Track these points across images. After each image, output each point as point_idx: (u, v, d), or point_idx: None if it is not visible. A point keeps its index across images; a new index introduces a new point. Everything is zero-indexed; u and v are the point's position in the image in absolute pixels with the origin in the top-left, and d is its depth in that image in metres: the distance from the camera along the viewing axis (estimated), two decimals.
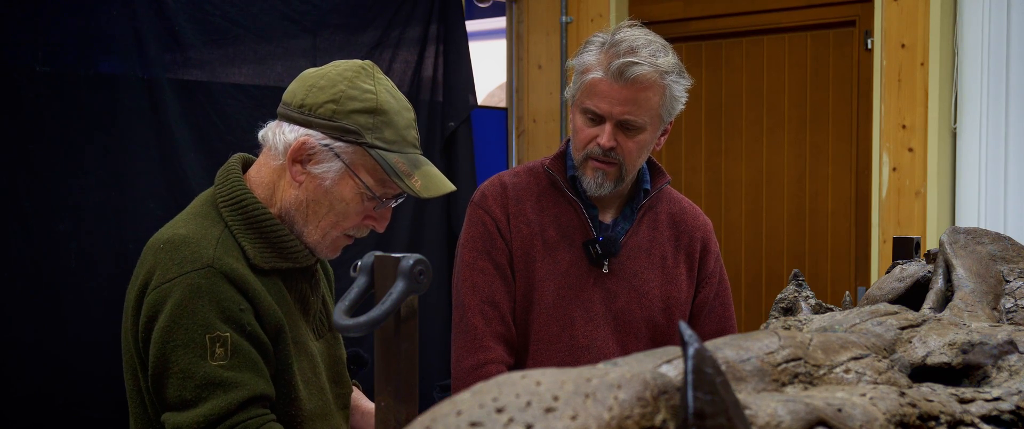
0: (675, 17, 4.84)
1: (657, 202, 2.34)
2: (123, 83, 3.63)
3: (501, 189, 2.30)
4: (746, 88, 4.68)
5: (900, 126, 4.09)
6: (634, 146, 2.19)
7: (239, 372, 1.75)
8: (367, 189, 1.86)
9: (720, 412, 0.79)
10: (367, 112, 1.85)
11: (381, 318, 1.34)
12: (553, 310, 2.24)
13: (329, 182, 1.85)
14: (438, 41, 4.64)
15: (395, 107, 1.90)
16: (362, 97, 1.86)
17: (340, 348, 2.07)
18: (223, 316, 1.76)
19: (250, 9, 3.98)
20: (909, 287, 1.67)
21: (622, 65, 2.14)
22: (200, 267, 1.77)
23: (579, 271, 2.25)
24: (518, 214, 2.27)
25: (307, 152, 1.84)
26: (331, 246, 1.93)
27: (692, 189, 4.83)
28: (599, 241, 2.24)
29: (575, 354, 2.24)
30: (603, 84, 2.16)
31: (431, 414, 0.81)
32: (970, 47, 3.96)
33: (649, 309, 2.28)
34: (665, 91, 2.19)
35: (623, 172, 2.21)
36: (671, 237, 2.34)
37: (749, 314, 4.69)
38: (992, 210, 3.92)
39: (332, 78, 1.88)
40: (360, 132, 1.83)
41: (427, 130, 4.58)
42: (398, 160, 1.85)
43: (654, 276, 2.30)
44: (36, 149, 3.40)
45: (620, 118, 2.16)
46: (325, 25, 4.25)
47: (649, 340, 2.29)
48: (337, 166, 1.84)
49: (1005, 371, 1.24)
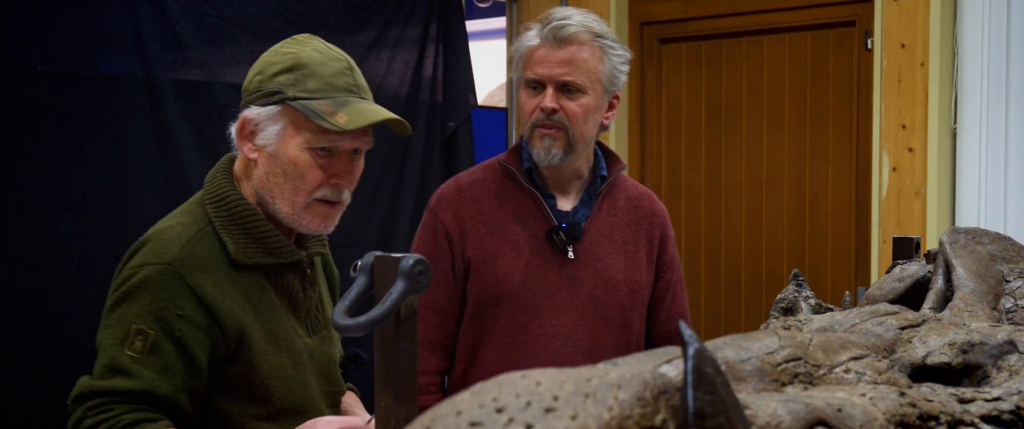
0: (675, 17, 4.84)
1: (613, 189, 2.38)
2: (123, 83, 3.63)
3: (456, 192, 2.33)
4: (746, 88, 4.68)
5: (900, 126, 4.09)
6: (578, 109, 2.24)
7: (143, 367, 1.79)
8: (310, 142, 1.88)
9: (720, 412, 0.79)
10: (287, 70, 1.88)
11: (381, 318, 1.34)
12: (520, 302, 2.26)
13: (273, 147, 1.88)
14: (438, 41, 4.64)
15: (318, 59, 1.91)
16: (282, 59, 1.90)
17: (334, 346, 2.07)
18: (157, 314, 1.81)
19: (248, 10, 3.98)
20: (909, 287, 1.67)
21: (554, 27, 2.22)
22: (160, 263, 1.83)
23: (543, 260, 2.27)
24: (475, 214, 2.30)
25: (249, 127, 1.89)
26: (307, 215, 1.93)
27: (692, 189, 4.83)
28: (562, 227, 2.27)
29: (544, 342, 2.26)
30: (539, 50, 2.23)
31: (431, 414, 0.81)
32: (970, 47, 3.96)
33: (615, 294, 2.30)
34: (602, 55, 2.25)
35: (570, 137, 2.25)
36: (630, 222, 2.36)
37: (749, 314, 4.69)
38: (992, 210, 3.92)
39: (263, 55, 1.94)
40: (282, 90, 1.87)
41: (427, 130, 4.58)
42: (321, 104, 1.86)
43: (617, 261, 2.32)
44: (36, 149, 3.40)
45: (559, 79, 2.22)
46: (322, 25, 4.25)
47: (618, 325, 2.31)
48: (275, 129, 1.88)
49: (1005, 371, 1.24)
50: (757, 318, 4.60)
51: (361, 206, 4.30)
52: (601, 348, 2.28)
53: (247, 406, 1.88)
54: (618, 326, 2.31)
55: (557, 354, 2.25)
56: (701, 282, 4.83)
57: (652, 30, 4.92)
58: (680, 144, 4.87)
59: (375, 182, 4.37)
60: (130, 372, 1.79)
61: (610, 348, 2.29)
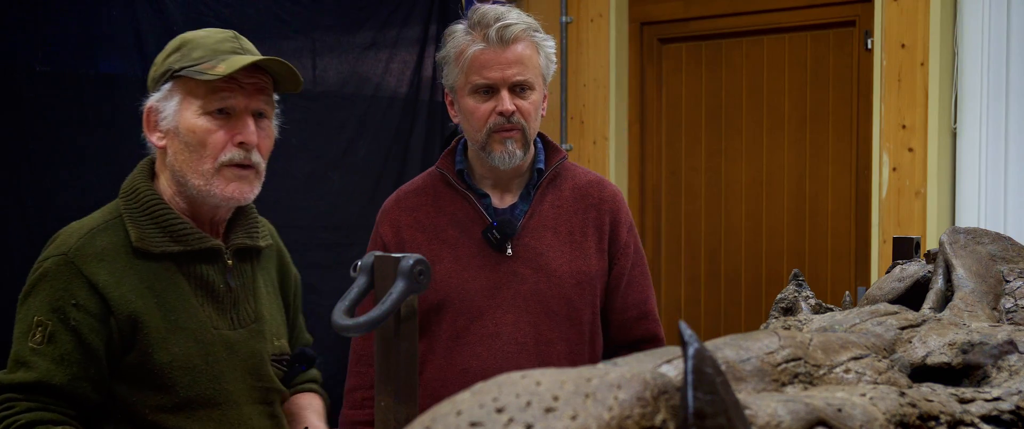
0: (675, 17, 4.84)
1: (559, 178, 2.35)
2: (123, 83, 3.63)
3: (394, 203, 2.35)
4: (746, 88, 4.68)
5: (900, 126, 4.09)
6: (530, 107, 2.25)
7: (40, 358, 1.83)
8: (203, 106, 1.91)
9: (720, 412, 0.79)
10: (173, 51, 1.94)
11: (381, 318, 1.34)
12: (461, 304, 2.25)
13: (173, 123, 1.92)
14: (438, 41, 4.64)
15: (201, 34, 1.96)
16: (170, 46, 1.96)
17: (263, 342, 2.04)
18: (53, 305, 1.85)
19: (246, 10, 3.98)
20: (909, 287, 1.67)
21: (499, 29, 2.20)
22: (57, 254, 1.88)
23: (482, 260, 2.26)
24: (412, 223, 2.30)
25: (153, 116, 1.95)
26: (219, 182, 1.93)
27: (692, 189, 4.83)
28: (494, 226, 2.26)
29: (486, 342, 2.24)
30: (487, 53, 2.21)
31: (431, 414, 0.81)
32: (970, 47, 3.96)
33: (560, 286, 2.27)
34: (538, 49, 2.26)
35: (526, 136, 2.25)
36: (578, 210, 2.34)
37: (749, 314, 4.69)
38: (992, 210, 3.92)
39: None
40: (170, 68, 1.93)
41: (427, 130, 4.58)
42: (205, 66, 1.90)
43: (562, 252, 2.29)
44: (36, 149, 3.40)
45: (512, 80, 2.22)
46: (321, 25, 4.26)
47: (565, 318, 2.28)
48: (171, 106, 1.93)
49: (1005, 371, 1.24)
50: (757, 318, 4.60)
51: (361, 206, 4.30)
52: (547, 343, 2.26)
53: (150, 396, 1.88)
54: (565, 319, 2.28)
55: (500, 353, 2.24)
56: (701, 282, 4.83)
57: (652, 30, 4.92)
58: (680, 144, 4.87)
59: (374, 182, 4.37)
60: (28, 364, 1.84)
61: (557, 342, 2.26)
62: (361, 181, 4.34)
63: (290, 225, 4.09)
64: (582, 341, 2.31)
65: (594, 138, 4.92)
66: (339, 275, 4.21)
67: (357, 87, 4.36)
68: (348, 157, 4.29)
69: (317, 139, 4.22)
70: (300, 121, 4.16)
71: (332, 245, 4.22)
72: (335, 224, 4.24)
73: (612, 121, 4.88)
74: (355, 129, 4.33)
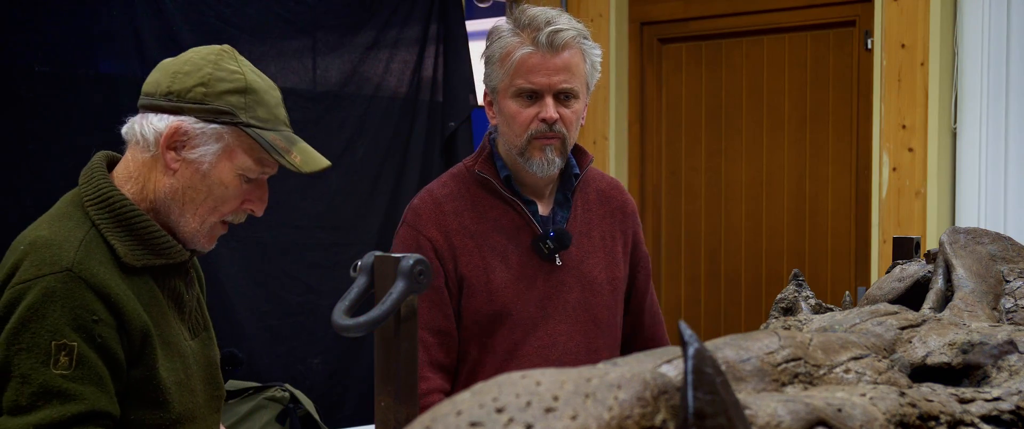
0: (675, 17, 4.84)
1: (583, 182, 2.32)
2: (123, 83, 3.63)
3: (435, 205, 2.22)
4: (746, 88, 4.68)
5: (900, 126, 4.09)
6: (572, 115, 2.19)
7: (80, 384, 1.68)
8: (246, 169, 1.84)
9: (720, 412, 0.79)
10: (238, 92, 1.82)
11: (381, 318, 1.34)
12: (518, 317, 2.20)
13: (206, 165, 1.82)
14: (438, 41, 4.64)
15: (263, 86, 1.88)
16: (231, 78, 1.83)
17: (214, 349, 2.00)
18: (74, 324, 1.70)
19: (246, 10, 3.98)
20: (909, 287, 1.67)
21: (550, 34, 2.14)
22: (58, 271, 1.72)
23: (532, 271, 2.21)
24: (459, 229, 2.20)
25: (181, 137, 1.81)
26: (209, 234, 1.88)
27: (692, 189, 4.83)
28: (550, 236, 2.21)
29: (543, 354, 2.21)
30: (535, 57, 2.15)
31: (431, 414, 0.81)
32: (970, 47, 3.96)
33: (600, 294, 2.27)
34: (584, 56, 2.20)
35: (565, 145, 2.20)
36: (604, 214, 2.32)
37: (749, 314, 4.69)
38: (992, 210, 3.92)
39: (196, 63, 1.84)
40: (234, 112, 1.81)
41: (427, 130, 4.58)
42: (275, 138, 1.84)
43: (598, 260, 2.28)
44: (36, 149, 3.40)
45: (558, 87, 2.15)
46: (321, 26, 4.26)
47: (607, 325, 2.28)
48: (214, 148, 1.82)
49: (1005, 371, 1.24)
50: (757, 318, 4.60)
51: (359, 206, 4.30)
52: (595, 351, 2.24)
53: (149, 413, 1.79)
54: (607, 326, 2.28)
55: (556, 364, 2.20)
56: (701, 282, 4.83)
57: (652, 30, 4.92)
58: (680, 144, 4.87)
59: (374, 182, 4.37)
60: (68, 393, 1.67)
61: (603, 350, 2.25)
62: (360, 181, 4.34)
63: (289, 225, 4.09)
64: (617, 347, 2.32)
65: (594, 138, 4.92)
66: (338, 275, 4.23)
67: (357, 87, 4.36)
68: (347, 157, 4.29)
69: (316, 139, 4.20)
70: (300, 121, 4.15)
71: (331, 245, 4.22)
72: (334, 224, 4.24)
73: (612, 121, 4.88)
74: (354, 129, 4.33)
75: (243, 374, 3.74)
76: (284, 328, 4.04)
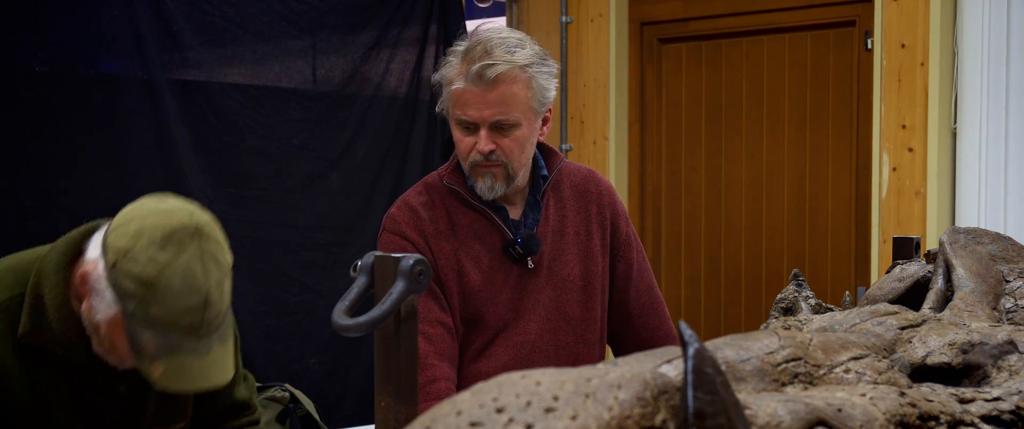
0: (675, 17, 4.84)
1: (559, 181, 2.34)
2: (123, 83, 3.63)
3: (412, 212, 2.26)
4: (746, 88, 4.68)
5: (900, 126, 4.09)
6: (513, 144, 2.19)
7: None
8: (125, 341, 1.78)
9: (720, 412, 0.79)
10: (140, 282, 1.74)
11: (381, 318, 1.34)
12: (490, 319, 2.24)
13: (98, 317, 1.78)
14: (438, 41, 4.64)
15: (178, 288, 1.74)
16: (145, 265, 1.74)
17: None
18: None
19: (248, 10, 3.98)
20: (909, 287, 1.67)
21: (480, 69, 2.12)
22: None
23: (503, 275, 2.25)
24: (436, 233, 2.24)
25: (86, 281, 1.78)
26: (114, 362, 1.84)
27: (692, 189, 4.83)
28: (518, 243, 2.24)
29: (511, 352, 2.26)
30: (467, 93, 2.15)
31: (431, 414, 0.81)
32: (970, 47, 3.96)
33: (572, 291, 2.31)
34: (531, 83, 2.18)
35: (509, 171, 2.21)
36: (579, 209, 2.35)
37: (749, 314, 4.69)
38: (992, 210, 3.92)
39: (142, 229, 1.78)
40: (125, 297, 1.74)
41: (427, 130, 4.58)
42: (150, 339, 1.74)
43: (571, 255, 2.32)
44: (36, 149, 3.40)
45: (492, 120, 2.16)
46: (322, 25, 4.26)
47: (580, 320, 2.31)
48: (104, 312, 1.77)
49: (1005, 371, 1.24)
50: (757, 318, 4.60)
51: (359, 206, 4.30)
52: (566, 347, 2.29)
53: None
54: (580, 321, 2.32)
55: (525, 360, 2.25)
56: (701, 282, 4.83)
57: (652, 30, 4.92)
58: (680, 144, 4.87)
59: (374, 182, 4.37)
60: None
61: (574, 344, 2.30)
62: (360, 181, 4.34)
63: (289, 225, 4.09)
64: (595, 341, 2.35)
65: (594, 138, 4.92)
66: (338, 275, 4.23)
67: (358, 87, 4.37)
68: (347, 157, 4.29)
69: (317, 139, 4.22)
70: (300, 121, 4.16)
71: (331, 245, 4.22)
72: (334, 224, 4.24)
73: (612, 121, 4.88)
74: (355, 129, 4.33)
75: None
76: (282, 328, 4.05)
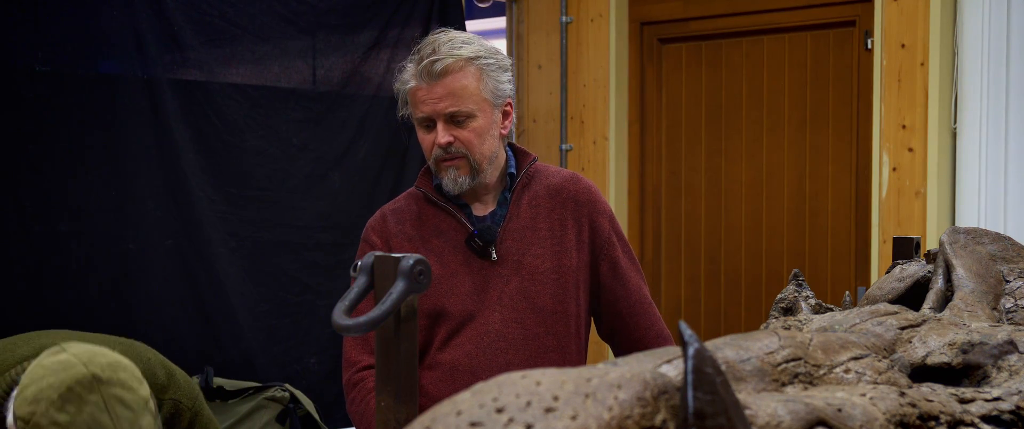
0: (675, 17, 4.84)
1: (533, 180, 2.44)
2: (123, 83, 3.63)
3: (381, 220, 2.42)
4: (746, 88, 4.68)
5: (900, 126, 4.09)
6: (471, 135, 2.32)
7: None
8: None
9: (720, 412, 0.79)
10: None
11: (381, 318, 1.34)
12: (452, 310, 2.34)
13: None
14: None
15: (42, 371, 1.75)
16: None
17: None
18: None
19: (248, 10, 3.98)
20: (909, 287, 1.67)
21: (428, 65, 2.29)
22: None
23: (469, 268, 2.35)
24: (398, 234, 2.38)
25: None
26: None
27: (692, 189, 4.83)
28: (475, 234, 2.34)
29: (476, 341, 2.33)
30: (420, 91, 2.31)
31: (431, 414, 0.81)
32: (970, 47, 3.96)
33: (542, 283, 2.37)
34: (480, 75, 2.32)
35: (472, 162, 2.33)
36: (554, 207, 2.42)
37: (749, 314, 4.69)
38: (992, 210, 3.92)
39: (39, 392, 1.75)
40: None
41: None
42: None
43: (542, 250, 2.39)
44: (36, 149, 3.40)
45: (445, 112, 2.30)
46: (322, 25, 4.26)
47: (550, 312, 2.37)
48: None
49: (1005, 371, 1.24)
50: (757, 318, 4.60)
51: (360, 206, 4.30)
52: (533, 337, 2.36)
53: None
54: (550, 314, 2.38)
55: (489, 349, 2.34)
56: (701, 282, 4.83)
57: (652, 30, 4.92)
58: (680, 144, 4.87)
59: (373, 182, 4.37)
60: None
61: (544, 336, 2.37)
62: (361, 181, 4.34)
63: (290, 225, 4.09)
64: (568, 333, 2.39)
65: (594, 138, 4.92)
66: (338, 275, 4.23)
67: (358, 87, 4.37)
68: (348, 157, 4.29)
69: (317, 139, 4.22)
70: (301, 121, 4.17)
71: (332, 245, 4.22)
72: (334, 224, 4.24)
73: (612, 121, 4.88)
74: (355, 129, 4.33)
75: (242, 374, 3.75)
76: (282, 328, 4.05)
